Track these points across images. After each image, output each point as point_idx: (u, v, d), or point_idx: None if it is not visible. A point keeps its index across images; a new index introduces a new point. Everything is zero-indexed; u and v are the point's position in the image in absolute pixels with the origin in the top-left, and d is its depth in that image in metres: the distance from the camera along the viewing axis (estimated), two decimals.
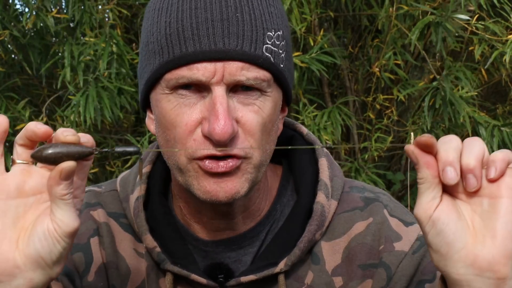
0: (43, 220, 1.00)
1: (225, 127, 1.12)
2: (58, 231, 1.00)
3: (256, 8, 1.16)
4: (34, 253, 1.00)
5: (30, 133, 1.00)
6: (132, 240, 1.31)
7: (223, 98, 1.13)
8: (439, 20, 2.95)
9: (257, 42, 1.15)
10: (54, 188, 0.99)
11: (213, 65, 1.13)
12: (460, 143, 1.00)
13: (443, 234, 0.99)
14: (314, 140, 1.35)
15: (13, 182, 1.01)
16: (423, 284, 1.25)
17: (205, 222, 1.28)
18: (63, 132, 1.00)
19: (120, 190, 1.35)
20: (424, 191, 1.00)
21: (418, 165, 1.00)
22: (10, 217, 1.01)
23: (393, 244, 1.27)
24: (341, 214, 1.29)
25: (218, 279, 1.26)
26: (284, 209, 1.30)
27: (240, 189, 1.17)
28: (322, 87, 3.51)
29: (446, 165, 0.98)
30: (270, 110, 1.18)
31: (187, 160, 1.17)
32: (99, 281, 1.30)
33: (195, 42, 1.13)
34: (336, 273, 1.27)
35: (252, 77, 1.14)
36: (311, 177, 1.30)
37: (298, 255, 1.24)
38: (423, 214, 1.00)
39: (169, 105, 1.17)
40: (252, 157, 1.17)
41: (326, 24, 3.53)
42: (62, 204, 0.99)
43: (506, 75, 3.41)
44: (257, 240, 1.29)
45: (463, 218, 1.00)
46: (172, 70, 1.15)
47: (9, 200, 1.01)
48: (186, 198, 1.28)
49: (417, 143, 0.99)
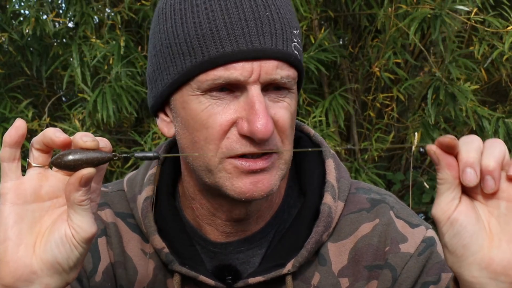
0: (61, 225, 1.01)
1: (267, 125, 1.12)
2: (76, 236, 1.00)
3: (280, 7, 1.18)
4: (52, 259, 1.00)
5: (48, 140, 1.00)
6: (139, 241, 1.32)
7: (260, 96, 1.14)
8: (437, 13, 2.95)
9: (288, 40, 1.16)
10: (72, 194, 0.99)
11: (250, 64, 1.14)
12: (482, 143, 1.00)
13: (460, 236, 0.99)
14: (321, 141, 1.35)
15: (29, 187, 1.02)
16: (428, 285, 1.26)
17: (218, 224, 1.28)
18: (82, 137, 0.99)
19: (127, 190, 1.35)
20: (444, 191, 1.00)
21: (439, 166, 0.99)
22: (27, 222, 1.01)
23: (398, 245, 1.27)
24: (348, 216, 1.29)
25: (226, 281, 1.26)
26: (291, 210, 1.31)
27: (274, 185, 1.19)
28: (322, 87, 3.52)
29: (467, 166, 0.98)
30: (294, 107, 1.20)
31: (219, 160, 1.17)
32: (106, 281, 1.30)
33: (232, 41, 1.14)
34: (342, 274, 1.27)
35: (285, 75, 1.16)
36: (318, 178, 1.31)
37: (306, 256, 1.25)
38: (442, 215, 1.00)
39: (200, 106, 1.16)
40: (284, 153, 1.19)
41: (326, 24, 3.53)
42: (80, 209, 1.00)
43: (506, 75, 3.41)
44: (265, 241, 1.29)
45: (480, 220, 1.00)
46: (207, 71, 1.15)
47: (26, 205, 1.01)
48: (201, 200, 1.27)
49: (440, 143, 0.99)
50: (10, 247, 1.00)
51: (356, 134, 3.49)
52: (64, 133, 1.01)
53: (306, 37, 3.22)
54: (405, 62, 3.39)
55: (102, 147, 1.01)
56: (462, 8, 3.02)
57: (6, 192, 1.01)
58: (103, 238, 1.31)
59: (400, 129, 3.52)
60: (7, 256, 1.00)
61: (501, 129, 3.11)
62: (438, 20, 2.95)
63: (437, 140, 0.99)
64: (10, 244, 1.00)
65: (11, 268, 1.00)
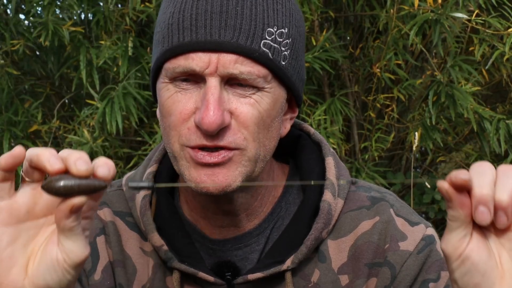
0: (52, 249, 0.97)
1: (213, 116, 1.12)
2: (67, 261, 0.97)
3: (259, 4, 1.17)
4: (43, 283, 0.97)
5: (41, 166, 0.95)
6: (138, 239, 1.31)
7: (215, 88, 1.14)
8: (438, 18, 2.96)
9: (255, 36, 1.15)
10: (62, 220, 0.95)
11: (207, 55, 1.14)
12: (495, 173, 0.96)
13: (471, 274, 0.97)
14: (320, 140, 1.35)
15: (23, 205, 0.98)
16: (427, 283, 1.26)
17: (209, 218, 1.28)
18: (76, 162, 0.94)
19: (126, 189, 1.35)
20: (455, 228, 0.97)
21: (452, 204, 0.96)
22: (21, 242, 0.98)
23: (398, 243, 1.27)
24: (348, 213, 1.29)
25: (226, 277, 1.26)
26: (290, 207, 1.31)
27: (232, 182, 1.17)
28: (323, 87, 3.52)
29: (480, 204, 0.95)
30: (268, 105, 1.18)
31: (180, 147, 1.17)
32: (105, 279, 1.30)
33: (192, 32, 1.15)
34: (342, 271, 1.27)
35: (245, 71, 1.15)
36: (318, 176, 1.30)
37: (305, 252, 1.25)
38: (453, 252, 0.97)
39: (167, 93, 1.18)
40: (246, 149, 1.17)
41: (327, 25, 3.54)
42: (71, 235, 0.96)
43: (506, 75, 3.41)
44: (262, 237, 1.29)
45: (492, 256, 0.98)
46: (170, 59, 1.17)
47: (19, 224, 0.98)
48: (192, 192, 1.28)
49: (452, 183, 0.95)
50: (2, 269, 0.98)
51: (357, 134, 3.49)
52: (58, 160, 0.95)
53: (307, 38, 3.22)
54: (406, 63, 3.39)
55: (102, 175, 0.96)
56: (460, 16, 3.02)
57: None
58: (102, 237, 1.31)
59: (401, 130, 3.52)
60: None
61: (501, 130, 3.11)
62: (438, 25, 2.96)
63: (450, 178, 0.95)
64: (2, 266, 0.98)
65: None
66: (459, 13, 3.02)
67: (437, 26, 2.97)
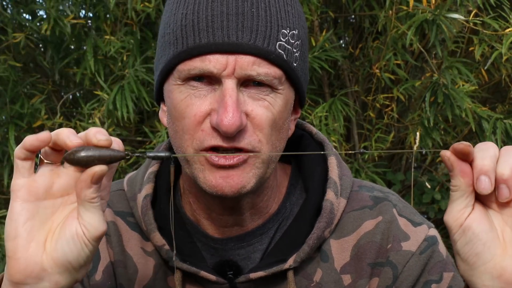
0: (71, 223, 1.01)
1: (232, 118, 1.12)
2: (87, 234, 1.00)
3: (272, 6, 1.17)
4: (62, 257, 1.01)
5: (61, 142, 1.01)
6: (139, 239, 1.31)
7: (233, 90, 1.14)
8: (434, 18, 2.96)
9: (271, 38, 1.15)
10: (84, 191, 1.00)
11: (225, 57, 1.14)
12: (497, 151, 1.00)
13: (472, 244, 0.99)
14: (323, 140, 1.35)
15: (41, 184, 1.02)
16: (430, 284, 1.26)
17: (213, 218, 1.28)
18: (96, 134, 1.00)
19: (127, 190, 1.35)
20: (457, 199, 0.99)
21: (453, 173, 0.99)
22: (38, 219, 1.02)
23: (400, 243, 1.27)
24: (350, 213, 1.29)
25: (228, 276, 1.26)
26: (293, 207, 1.31)
27: (247, 183, 1.18)
28: (323, 87, 3.52)
29: (481, 174, 0.97)
30: (281, 107, 1.18)
31: (194, 151, 1.17)
32: (106, 280, 1.30)
33: (209, 34, 1.14)
34: (344, 271, 1.27)
35: (263, 72, 1.15)
36: (320, 175, 1.31)
37: (307, 251, 1.25)
38: (454, 222, 1.00)
39: (180, 95, 1.18)
40: (261, 152, 1.17)
41: (326, 25, 3.53)
42: (91, 207, 1.00)
43: (506, 75, 3.41)
44: (266, 237, 1.29)
45: (494, 228, 0.99)
46: (185, 60, 1.16)
47: (37, 202, 1.02)
48: (196, 193, 1.28)
49: (454, 150, 0.98)
50: (21, 244, 1.01)
51: (357, 134, 3.49)
52: (77, 136, 1.01)
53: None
54: (406, 63, 3.39)
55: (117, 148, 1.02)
56: (457, 17, 3.02)
57: (18, 189, 1.02)
58: (103, 237, 1.31)
59: (400, 129, 3.52)
60: (17, 253, 1.01)
61: (498, 129, 3.11)
62: (435, 25, 2.96)
63: (452, 146, 0.98)
64: (20, 241, 1.01)
65: (22, 265, 1.01)
66: (455, 14, 3.02)
67: (433, 26, 2.97)
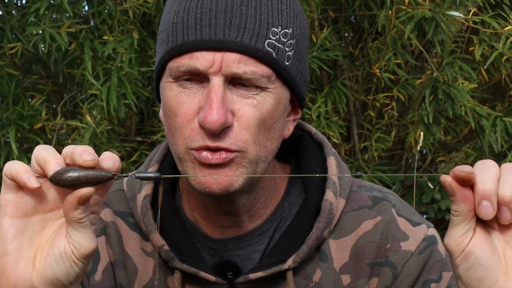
0: (60, 241, 1.00)
1: (216, 115, 1.12)
2: (75, 253, 0.99)
3: (264, 4, 1.17)
4: (51, 275, 1.00)
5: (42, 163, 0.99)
6: (139, 239, 1.31)
7: (219, 87, 1.14)
8: (434, 15, 2.96)
9: (259, 35, 1.15)
10: (71, 212, 0.98)
11: (212, 54, 1.14)
12: (498, 170, 0.98)
13: (474, 269, 0.98)
14: (322, 140, 1.35)
15: (30, 199, 1.01)
16: (429, 284, 1.26)
17: (211, 218, 1.28)
18: (82, 154, 0.98)
19: (127, 190, 1.35)
20: (458, 223, 0.98)
21: (455, 199, 0.98)
22: (27, 235, 1.01)
23: (399, 243, 1.27)
24: (350, 213, 1.29)
25: (227, 277, 1.26)
26: (292, 207, 1.31)
27: (234, 182, 1.17)
28: (323, 86, 3.52)
29: (483, 199, 0.96)
30: (271, 107, 1.18)
31: (184, 149, 1.17)
32: (106, 280, 1.30)
33: (197, 31, 1.14)
34: (344, 271, 1.27)
35: (249, 70, 1.15)
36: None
37: (306, 252, 1.25)
38: (456, 247, 0.99)
39: (171, 93, 1.18)
40: (247, 151, 1.17)
41: (326, 24, 3.54)
42: (79, 226, 0.99)
43: (506, 75, 3.41)
44: (264, 237, 1.29)
45: (496, 252, 0.99)
46: (174, 58, 1.16)
47: (26, 218, 1.01)
48: (193, 192, 1.28)
49: (456, 176, 0.97)
50: (10, 261, 1.00)
51: (357, 134, 3.49)
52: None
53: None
54: (405, 63, 3.39)
55: (108, 167, 0.99)
56: (456, 14, 3.02)
57: (6, 204, 1.00)
58: (102, 237, 1.31)
59: (401, 129, 3.52)
60: (6, 271, 1.00)
61: (498, 127, 3.12)
62: (433, 23, 2.96)
63: (453, 171, 0.97)
64: (9, 258, 1.00)
65: (11, 283, 1.00)
66: (455, 12, 3.02)
67: (432, 23, 2.97)
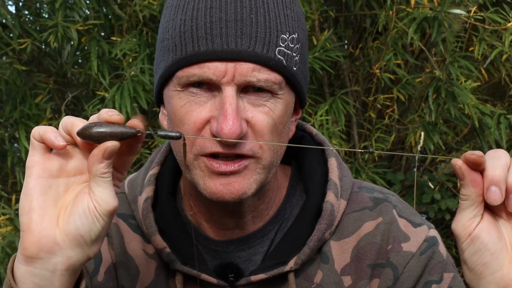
0: (83, 198, 1.04)
1: (233, 127, 1.12)
2: (98, 208, 1.03)
3: (271, 11, 1.17)
4: (74, 231, 1.03)
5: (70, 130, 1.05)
6: (141, 241, 1.32)
7: (232, 98, 1.14)
8: (436, 15, 2.96)
9: (270, 44, 1.15)
10: (95, 165, 1.02)
11: (224, 65, 1.14)
12: (509, 159, 1.00)
13: (480, 254, 0.99)
14: (323, 141, 1.35)
15: (56, 162, 1.05)
16: (430, 285, 1.26)
17: (214, 221, 1.28)
18: (108, 111, 1.03)
19: (128, 192, 1.36)
20: (466, 208, 1.00)
21: (464, 182, 0.99)
22: (51, 195, 1.05)
23: (401, 244, 1.27)
24: (351, 214, 1.29)
25: (229, 279, 1.26)
26: (294, 209, 1.31)
27: (247, 189, 1.18)
28: (323, 87, 3.52)
29: (492, 184, 0.97)
30: (281, 112, 1.18)
31: (193, 156, 1.17)
32: (108, 281, 1.30)
33: (208, 41, 1.14)
34: (345, 272, 1.27)
35: (263, 78, 1.15)
36: (321, 177, 1.31)
37: (308, 253, 1.25)
38: (463, 231, 1.00)
39: (180, 102, 1.18)
40: (262, 158, 1.18)
41: (327, 24, 3.54)
42: (102, 182, 1.03)
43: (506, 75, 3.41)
44: (266, 239, 1.29)
45: (503, 238, 1.00)
46: (184, 67, 1.16)
47: (51, 179, 1.05)
48: (196, 196, 1.28)
49: (466, 159, 0.98)
50: (35, 217, 1.04)
51: (357, 134, 3.49)
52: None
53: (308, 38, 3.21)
54: (406, 63, 3.39)
55: (133, 125, 1.05)
56: (458, 12, 3.02)
57: (33, 165, 1.05)
58: (104, 239, 1.31)
59: (401, 130, 3.52)
60: (31, 226, 1.04)
61: (502, 125, 3.12)
62: (436, 22, 2.96)
63: (464, 155, 0.99)
64: (34, 214, 1.04)
65: (35, 238, 1.03)
66: (457, 9, 3.02)
67: (435, 22, 2.97)
